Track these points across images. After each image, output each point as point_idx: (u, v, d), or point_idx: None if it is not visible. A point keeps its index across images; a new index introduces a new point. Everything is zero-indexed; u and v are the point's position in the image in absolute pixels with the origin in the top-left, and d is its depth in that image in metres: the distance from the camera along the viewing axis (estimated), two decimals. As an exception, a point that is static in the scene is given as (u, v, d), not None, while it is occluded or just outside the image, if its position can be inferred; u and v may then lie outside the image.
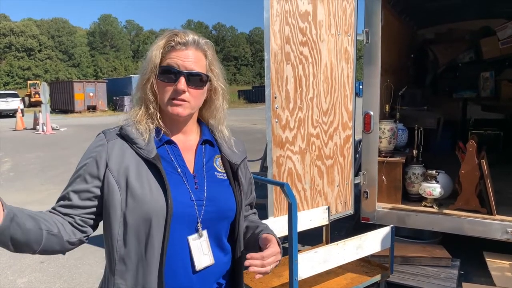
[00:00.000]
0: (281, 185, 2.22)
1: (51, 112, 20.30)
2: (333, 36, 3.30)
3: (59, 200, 1.16)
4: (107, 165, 1.12)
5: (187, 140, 1.25)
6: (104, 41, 71.80)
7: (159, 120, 1.19)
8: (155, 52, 1.15)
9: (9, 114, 24.84)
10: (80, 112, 27.90)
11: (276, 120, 2.96)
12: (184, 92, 1.14)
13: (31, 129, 17.47)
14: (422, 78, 6.22)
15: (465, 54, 6.00)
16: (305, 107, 3.14)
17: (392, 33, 4.36)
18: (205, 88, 1.20)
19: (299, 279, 2.19)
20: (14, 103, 25.10)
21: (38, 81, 37.19)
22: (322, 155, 3.33)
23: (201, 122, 1.31)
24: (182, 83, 1.13)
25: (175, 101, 1.15)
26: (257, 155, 6.13)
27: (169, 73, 1.14)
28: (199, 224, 1.15)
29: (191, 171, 1.20)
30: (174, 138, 1.22)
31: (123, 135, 1.16)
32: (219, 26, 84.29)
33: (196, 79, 1.16)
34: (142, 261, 1.10)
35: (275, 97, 2.94)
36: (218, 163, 1.27)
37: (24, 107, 27.98)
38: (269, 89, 2.90)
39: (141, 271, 1.11)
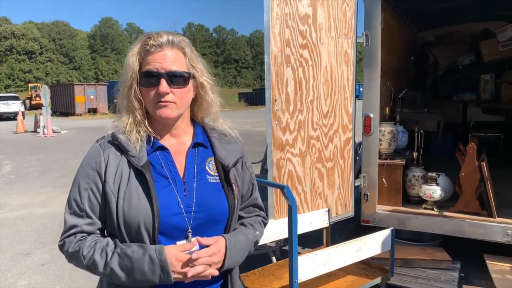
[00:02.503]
0: (281, 187, 2.22)
1: (52, 115, 20.35)
2: (333, 38, 3.30)
3: (75, 215, 1.15)
4: (105, 176, 1.14)
5: (179, 144, 1.24)
6: (105, 44, 71.99)
7: (148, 128, 1.19)
8: (131, 58, 1.15)
9: (10, 116, 24.90)
10: (81, 114, 27.94)
11: (276, 122, 2.96)
12: (167, 93, 1.13)
13: (32, 131, 17.49)
14: (422, 80, 6.22)
15: (465, 57, 6.01)
16: (305, 110, 3.15)
17: (392, 36, 4.37)
18: (189, 86, 1.19)
19: (299, 281, 2.18)
20: (15, 106, 25.17)
21: (39, 84, 37.24)
22: (322, 158, 3.34)
23: (195, 123, 1.29)
24: (163, 85, 1.13)
25: (160, 103, 1.14)
26: (257, 157, 6.13)
27: (149, 78, 1.14)
28: (189, 231, 1.15)
29: (181, 177, 1.19)
30: (165, 142, 1.21)
31: (115, 143, 1.17)
32: (219, 29, 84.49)
33: (178, 79, 1.15)
34: None
35: (275, 100, 2.94)
36: (210, 166, 1.25)
37: (25, 109, 28.02)
38: (269, 91, 2.90)
39: None
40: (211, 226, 1.20)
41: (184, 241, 1.15)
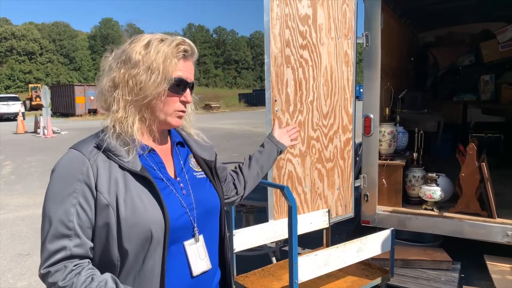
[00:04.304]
0: (281, 188, 2.22)
1: (52, 116, 20.34)
2: (333, 39, 3.31)
3: (61, 237, 1.01)
4: (96, 186, 1.03)
5: (162, 145, 1.22)
6: (105, 44, 71.95)
7: (156, 131, 1.15)
8: (174, 60, 1.09)
9: (10, 117, 24.89)
10: (81, 115, 27.94)
11: (276, 123, 2.96)
12: (189, 103, 1.17)
13: (32, 132, 17.49)
14: (422, 81, 6.23)
15: (465, 57, 6.02)
16: (305, 110, 3.15)
17: (392, 36, 4.37)
18: None
19: (299, 282, 2.18)
20: (15, 107, 25.16)
21: (39, 85, 37.25)
22: (322, 158, 3.34)
23: None
24: (190, 95, 1.15)
25: (180, 112, 1.15)
26: (257, 158, 6.13)
27: (179, 85, 1.12)
28: (195, 229, 1.14)
29: (173, 177, 1.17)
30: (150, 144, 1.17)
31: (104, 148, 1.06)
32: (219, 30, 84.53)
33: (192, 89, 1.18)
34: (142, 275, 1.06)
35: (275, 100, 2.94)
36: (192, 162, 1.26)
37: (25, 110, 28.04)
38: (269, 92, 2.90)
39: (142, 284, 1.06)
40: (208, 221, 1.21)
41: (192, 240, 1.14)
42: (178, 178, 1.18)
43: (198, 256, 1.14)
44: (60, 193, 1.03)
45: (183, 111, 1.16)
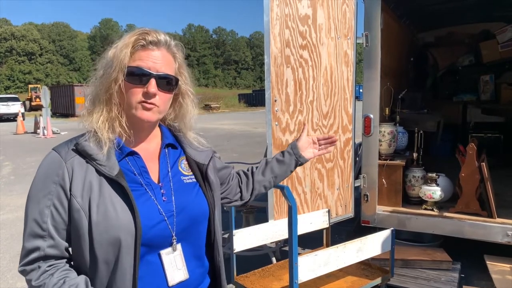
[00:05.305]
0: (281, 188, 2.22)
1: (51, 116, 20.35)
2: (333, 39, 3.31)
3: (36, 236, 1.03)
4: (70, 189, 1.02)
5: (149, 147, 1.17)
6: (105, 45, 71.35)
7: (125, 127, 1.08)
8: (124, 50, 1.05)
9: (10, 118, 24.89)
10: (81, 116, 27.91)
11: (276, 123, 2.96)
12: (155, 95, 1.07)
13: (31, 133, 17.49)
14: (422, 81, 6.23)
15: (465, 58, 6.02)
16: (305, 110, 3.15)
17: (392, 37, 4.37)
18: (174, 92, 1.15)
19: (299, 282, 2.18)
20: (15, 107, 25.17)
21: (39, 85, 37.22)
22: (322, 158, 3.34)
23: (160, 124, 1.23)
24: (153, 85, 1.06)
25: (145, 105, 1.07)
26: (257, 158, 6.14)
27: (139, 75, 1.06)
28: (173, 238, 1.09)
29: (157, 181, 1.12)
30: (135, 147, 1.13)
31: (80, 151, 1.05)
32: (219, 30, 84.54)
33: (167, 83, 1.10)
34: (113, 282, 1.03)
35: (275, 100, 2.94)
36: (183, 165, 1.20)
37: (25, 111, 28.03)
38: (269, 92, 2.90)
39: None
40: (193, 230, 1.15)
41: (169, 249, 1.09)
42: (161, 183, 1.12)
43: (175, 266, 1.10)
44: (37, 193, 1.04)
45: (148, 103, 1.07)
